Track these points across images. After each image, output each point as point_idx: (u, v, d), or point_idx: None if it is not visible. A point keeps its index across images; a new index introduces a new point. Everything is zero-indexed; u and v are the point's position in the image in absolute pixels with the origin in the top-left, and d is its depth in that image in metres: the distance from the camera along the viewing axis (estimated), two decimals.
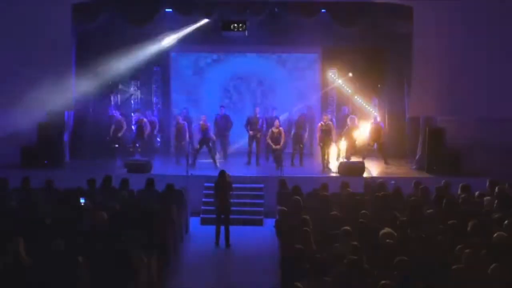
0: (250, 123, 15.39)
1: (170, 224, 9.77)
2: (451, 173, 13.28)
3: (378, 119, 15.61)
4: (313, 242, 7.60)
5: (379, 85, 16.72)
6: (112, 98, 16.66)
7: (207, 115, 15.52)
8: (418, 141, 15.12)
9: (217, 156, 15.23)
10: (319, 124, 14.92)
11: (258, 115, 15.43)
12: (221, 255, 10.64)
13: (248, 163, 15.35)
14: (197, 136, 15.31)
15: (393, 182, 11.55)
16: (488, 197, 9.91)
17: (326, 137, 14.66)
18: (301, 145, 15.20)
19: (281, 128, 14.93)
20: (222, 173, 11.20)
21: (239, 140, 16.31)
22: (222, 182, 11.04)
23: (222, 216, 11.02)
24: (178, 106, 17.16)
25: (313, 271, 6.54)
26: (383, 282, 5.88)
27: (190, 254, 10.57)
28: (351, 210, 9.31)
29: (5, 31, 13.80)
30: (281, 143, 14.78)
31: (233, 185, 11.34)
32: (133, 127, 15.75)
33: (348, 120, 15.18)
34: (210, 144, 15.06)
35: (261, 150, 15.45)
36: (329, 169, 14.62)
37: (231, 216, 11.21)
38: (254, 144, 15.34)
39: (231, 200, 11.21)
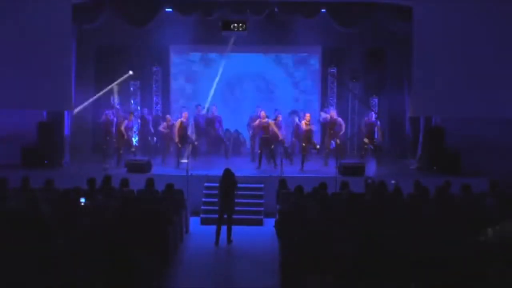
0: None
1: (170, 224, 9.77)
2: (451, 173, 13.29)
3: (373, 118, 15.49)
4: None
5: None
6: (112, 98, 16.65)
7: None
8: (418, 141, 15.14)
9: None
10: (302, 122, 14.83)
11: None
12: (221, 255, 10.63)
13: (253, 160, 15.43)
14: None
15: (393, 182, 11.55)
16: (488, 197, 9.90)
17: (310, 136, 14.64)
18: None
19: (268, 119, 14.68)
20: (227, 171, 11.16)
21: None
22: (227, 181, 11.02)
23: (225, 216, 11.01)
24: (178, 106, 17.15)
25: (313, 271, 6.54)
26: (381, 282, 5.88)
27: (190, 254, 10.56)
28: (351, 210, 9.31)
29: (5, 31, 13.80)
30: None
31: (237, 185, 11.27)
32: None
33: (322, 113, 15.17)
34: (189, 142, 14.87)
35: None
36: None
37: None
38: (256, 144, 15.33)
39: (235, 200, 11.16)
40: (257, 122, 14.69)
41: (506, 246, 7.07)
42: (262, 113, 14.72)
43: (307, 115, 14.76)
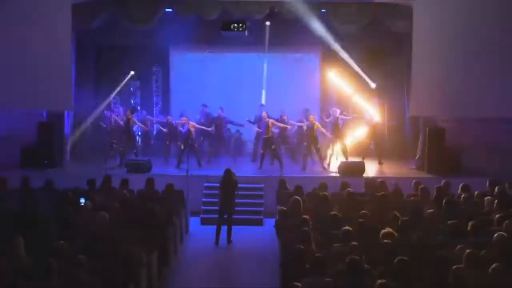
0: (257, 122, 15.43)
1: (170, 224, 9.77)
2: (451, 173, 13.28)
3: (374, 118, 15.51)
4: (313, 242, 7.60)
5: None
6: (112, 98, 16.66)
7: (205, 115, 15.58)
8: (418, 141, 15.14)
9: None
10: (306, 123, 14.86)
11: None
12: (221, 255, 10.62)
13: (253, 160, 15.43)
14: (180, 136, 15.18)
15: (393, 182, 11.55)
16: (488, 197, 9.90)
17: (312, 136, 14.61)
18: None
19: (269, 119, 14.73)
20: (228, 171, 11.16)
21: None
22: (227, 181, 11.02)
23: (225, 216, 11.00)
24: (178, 106, 17.15)
25: (313, 271, 6.53)
26: (381, 281, 5.87)
27: (190, 254, 10.56)
28: (351, 210, 9.30)
29: (5, 31, 13.79)
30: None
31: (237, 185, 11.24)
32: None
33: (331, 112, 15.18)
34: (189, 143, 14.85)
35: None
36: (325, 168, 14.68)
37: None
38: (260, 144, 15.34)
39: (236, 200, 11.15)
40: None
41: (506, 246, 7.07)
42: (264, 114, 14.77)
43: (311, 116, 14.81)
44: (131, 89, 17.12)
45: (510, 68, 13.87)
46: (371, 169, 14.60)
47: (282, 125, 14.93)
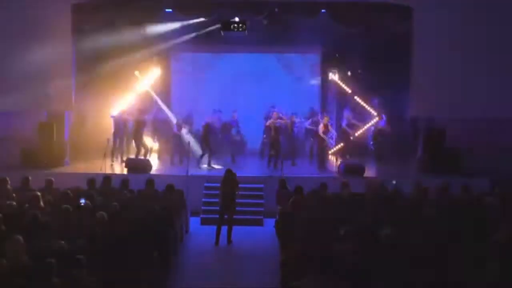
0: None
1: (170, 224, 9.77)
2: (451, 173, 13.29)
3: (377, 118, 15.61)
4: (312, 242, 7.58)
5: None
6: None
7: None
8: (418, 141, 15.15)
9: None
10: (321, 125, 14.92)
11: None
12: (221, 255, 10.63)
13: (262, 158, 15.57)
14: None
15: (393, 182, 11.54)
16: (488, 197, 9.91)
17: (324, 138, 14.69)
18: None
19: (280, 119, 14.83)
20: (228, 171, 11.16)
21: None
22: (228, 181, 11.02)
23: (225, 216, 11.00)
24: (178, 107, 17.14)
25: (313, 271, 6.53)
26: (381, 282, 5.88)
27: (190, 254, 10.56)
28: (351, 210, 9.31)
29: (5, 31, 13.81)
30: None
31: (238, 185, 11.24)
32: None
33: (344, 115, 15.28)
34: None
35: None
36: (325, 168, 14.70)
37: None
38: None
39: (236, 200, 11.14)
40: (269, 122, 14.81)
41: (506, 246, 7.08)
42: (274, 114, 14.79)
43: (325, 118, 14.86)
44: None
45: (510, 68, 13.89)
46: (371, 169, 14.60)
47: (283, 121, 14.91)
